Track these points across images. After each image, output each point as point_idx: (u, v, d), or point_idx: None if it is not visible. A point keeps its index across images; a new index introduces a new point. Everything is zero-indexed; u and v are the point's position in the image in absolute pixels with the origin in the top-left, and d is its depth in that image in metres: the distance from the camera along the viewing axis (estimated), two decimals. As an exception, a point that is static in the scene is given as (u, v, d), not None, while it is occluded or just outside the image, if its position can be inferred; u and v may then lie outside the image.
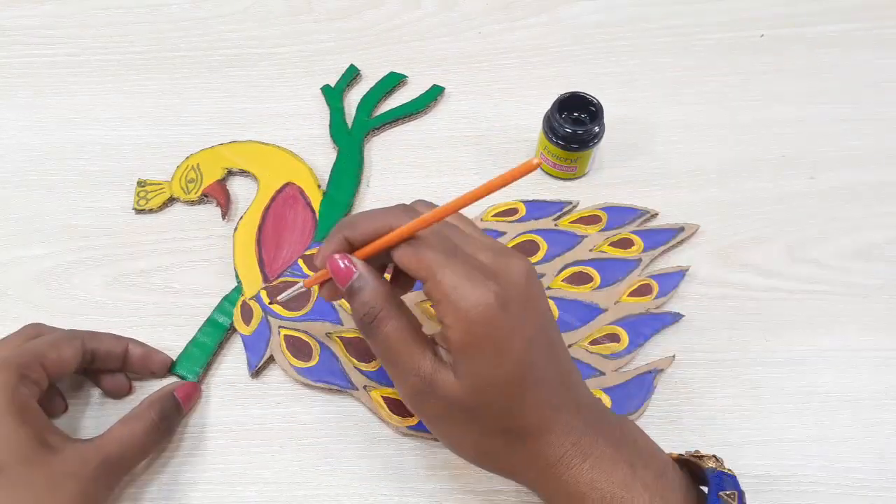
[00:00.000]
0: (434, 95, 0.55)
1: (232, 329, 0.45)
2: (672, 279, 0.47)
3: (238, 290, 0.46)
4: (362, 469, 0.41)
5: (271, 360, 0.44)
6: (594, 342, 0.44)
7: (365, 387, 0.42)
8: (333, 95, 0.55)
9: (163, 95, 0.55)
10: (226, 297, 0.46)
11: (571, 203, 0.50)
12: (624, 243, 0.48)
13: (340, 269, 0.33)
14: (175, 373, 0.44)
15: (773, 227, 0.49)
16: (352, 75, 0.56)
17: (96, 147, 0.53)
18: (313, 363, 0.43)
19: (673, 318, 0.45)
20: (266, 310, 0.45)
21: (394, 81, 0.56)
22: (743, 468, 0.41)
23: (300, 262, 0.47)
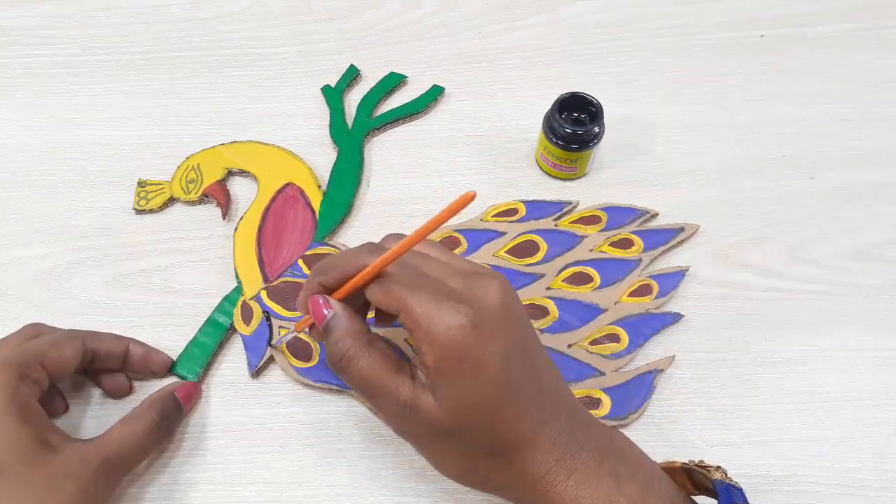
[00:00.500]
0: (434, 95, 0.55)
1: (232, 329, 0.45)
2: (672, 279, 0.47)
3: (238, 291, 0.46)
4: (362, 469, 0.41)
5: (271, 360, 0.44)
6: (594, 342, 0.44)
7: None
8: (333, 95, 0.55)
9: (163, 95, 0.55)
10: (226, 298, 0.46)
11: (571, 203, 0.50)
12: (624, 243, 0.48)
13: (317, 310, 0.35)
14: (175, 373, 0.44)
15: (773, 227, 0.49)
16: (352, 75, 0.56)
17: (96, 147, 0.53)
18: (313, 363, 0.43)
19: (673, 318, 0.45)
20: (266, 310, 0.45)
21: (394, 82, 0.56)
22: (743, 468, 0.41)
23: (300, 263, 0.47)
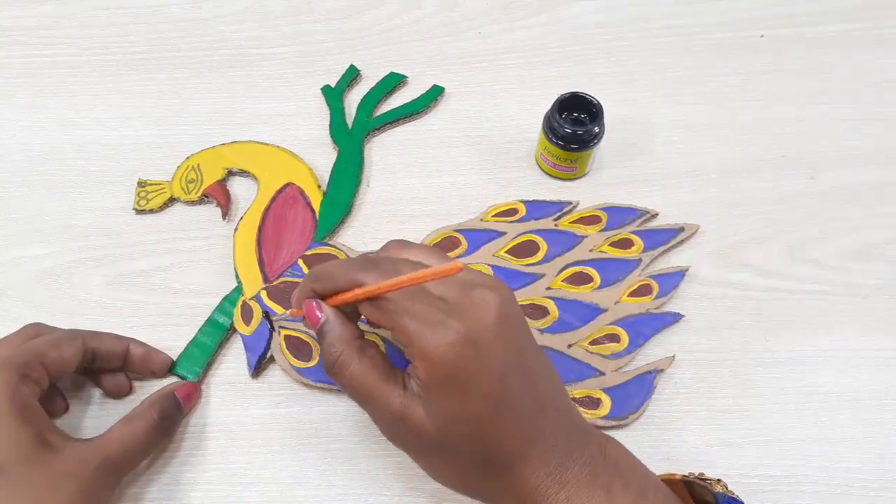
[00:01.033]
0: (434, 96, 0.55)
1: (232, 329, 0.45)
2: (672, 279, 0.47)
3: (238, 291, 0.46)
4: (362, 469, 0.41)
5: (271, 360, 0.44)
6: (594, 342, 0.44)
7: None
8: (333, 95, 0.55)
9: (163, 95, 0.55)
10: (226, 298, 0.46)
11: (571, 203, 0.50)
12: (624, 243, 0.48)
13: (311, 314, 0.35)
14: (175, 373, 0.44)
15: (773, 227, 0.49)
16: (352, 75, 0.56)
17: (96, 147, 0.53)
18: (313, 363, 0.43)
19: (673, 318, 0.45)
20: (266, 310, 0.45)
21: (394, 82, 0.56)
22: (743, 468, 0.41)
23: (300, 263, 0.47)
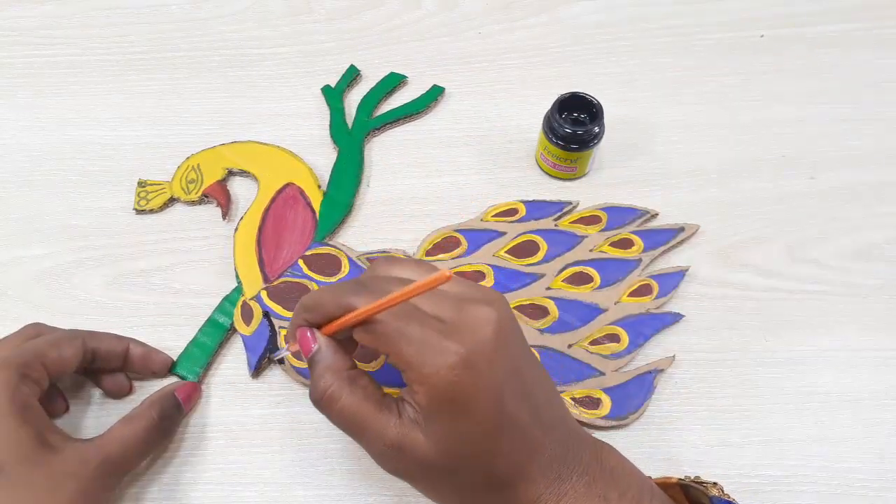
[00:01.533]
0: (434, 96, 0.55)
1: (232, 329, 0.45)
2: (672, 279, 0.47)
3: (238, 291, 0.46)
4: (362, 469, 0.41)
5: (271, 361, 0.44)
6: (594, 342, 0.44)
7: (365, 387, 0.42)
8: (333, 95, 0.55)
9: (163, 95, 0.55)
10: (226, 298, 0.46)
11: (571, 203, 0.50)
12: (624, 243, 0.48)
13: (304, 343, 0.34)
14: (175, 373, 0.44)
15: (773, 227, 0.49)
16: (352, 75, 0.56)
17: (96, 147, 0.53)
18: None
19: (673, 318, 0.45)
20: (266, 310, 0.45)
21: (394, 82, 0.56)
22: (743, 468, 0.41)
23: (300, 263, 0.47)
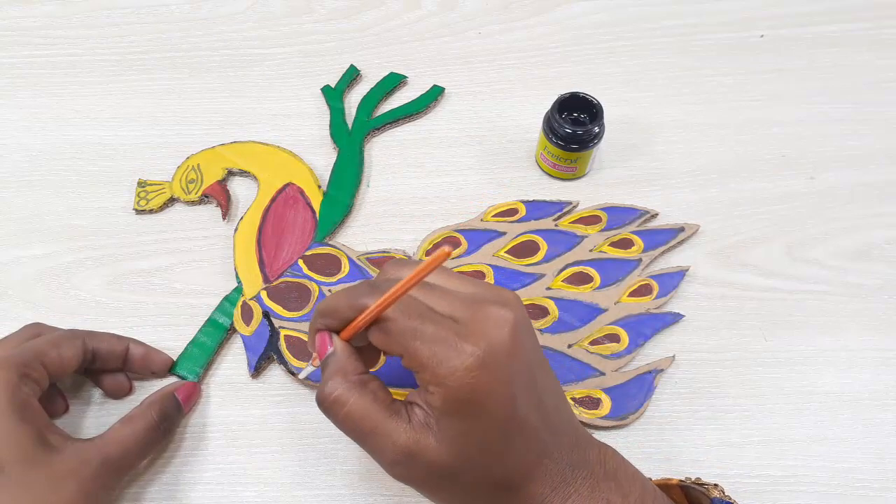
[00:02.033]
0: (434, 96, 0.55)
1: (232, 329, 0.45)
2: (672, 279, 0.47)
3: (238, 291, 0.46)
4: (362, 469, 0.41)
5: (271, 360, 0.44)
6: (594, 342, 0.44)
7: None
8: (333, 95, 0.55)
9: (163, 95, 0.55)
10: (226, 298, 0.46)
11: (571, 203, 0.50)
12: (624, 243, 0.48)
13: (322, 348, 0.34)
14: (175, 373, 0.44)
15: (773, 227, 0.49)
16: (352, 76, 0.56)
17: (96, 147, 0.53)
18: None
19: (673, 318, 0.45)
20: (266, 310, 0.45)
21: (394, 82, 0.56)
22: (743, 468, 0.41)
23: (300, 263, 0.47)
